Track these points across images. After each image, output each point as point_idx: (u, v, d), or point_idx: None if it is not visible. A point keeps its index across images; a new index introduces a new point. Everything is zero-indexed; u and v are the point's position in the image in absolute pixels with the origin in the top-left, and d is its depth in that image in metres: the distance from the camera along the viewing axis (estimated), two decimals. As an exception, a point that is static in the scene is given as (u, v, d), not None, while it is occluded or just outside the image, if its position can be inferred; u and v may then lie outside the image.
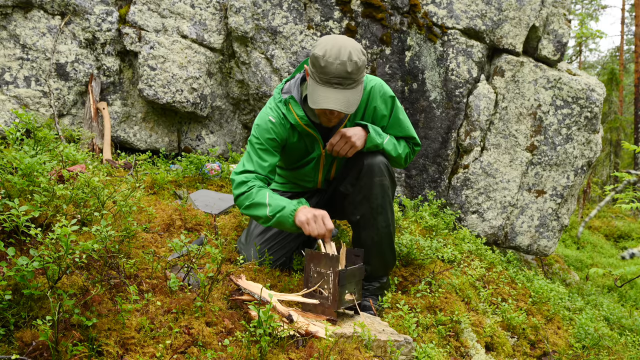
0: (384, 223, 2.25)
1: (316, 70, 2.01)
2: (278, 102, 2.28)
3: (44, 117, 4.02)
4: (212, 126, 4.52)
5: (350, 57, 1.96)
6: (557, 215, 4.13)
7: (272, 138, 2.25)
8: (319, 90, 2.01)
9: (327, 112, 2.11)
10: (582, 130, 4.04)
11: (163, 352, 1.42)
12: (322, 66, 1.97)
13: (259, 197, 2.16)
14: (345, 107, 2.00)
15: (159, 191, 3.25)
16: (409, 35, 3.96)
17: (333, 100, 1.99)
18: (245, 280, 1.95)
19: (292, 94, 2.25)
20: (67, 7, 4.07)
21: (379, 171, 2.20)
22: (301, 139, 2.32)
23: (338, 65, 1.95)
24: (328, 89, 2.00)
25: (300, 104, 2.24)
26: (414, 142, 2.45)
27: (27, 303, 1.38)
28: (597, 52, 41.11)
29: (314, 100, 2.02)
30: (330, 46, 1.97)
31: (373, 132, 2.23)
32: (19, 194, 1.82)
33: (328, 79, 1.99)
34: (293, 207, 2.09)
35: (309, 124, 2.25)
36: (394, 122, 2.35)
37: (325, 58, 1.96)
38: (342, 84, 1.99)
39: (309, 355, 1.57)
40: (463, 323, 2.35)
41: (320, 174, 2.46)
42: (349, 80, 1.99)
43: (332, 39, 2.02)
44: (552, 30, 4.11)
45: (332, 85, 1.99)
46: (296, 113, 2.23)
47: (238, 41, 4.17)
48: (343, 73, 1.97)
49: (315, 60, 1.99)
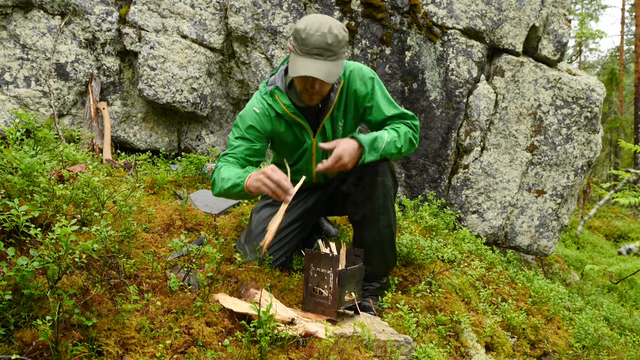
0: (386, 223, 2.25)
1: (297, 44, 2.05)
2: (264, 95, 2.32)
3: (44, 117, 4.02)
4: (212, 126, 4.52)
5: (331, 30, 2.02)
6: (557, 215, 4.13)
7: (253, 126, 2.28)
8: (299, 61, 2.05)
9: (307, 87, 2.12)
10: (582, 130, 4.04)
11: (163, 352, 1.42)
12: (303, 38, 2.02)
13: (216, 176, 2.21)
14: (326, 76, 2.04)
15: (159, 191, 3.25)
16: (409, 35, 3.96)
17: (314, 69, 2.02)
18: (227, 297, 1.86)
19: (276, 85, 2.29)
20: (67, 7, 4.07)
21: (381, 171, 2.20)
22: (289, 128, 2.33)
23: (319, 36, 2.00)
24: (308, 59, 2.03)
25: (284, 92, 2.27)
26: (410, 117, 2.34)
27: (27, 303, 1.38)
28: (597, 52, 41.09)
29: (294, 69, 2.05)
30: (312, 20, 2.03)
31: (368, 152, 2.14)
32: (19, 194, 1.82)
33: (308, 50, 2.03)
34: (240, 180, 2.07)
35: (295, 112, 2.27)
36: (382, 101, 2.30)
37: (307, 30, 2.01)
38: (322, 55, 2.03)
39: (309, 355, 1.57)
40: (463, 323, 2.35)
41: (314, 164, 2.44)
42: (329, 52, 2.03)
43: (315, 15, 2.08)
44: (552, 30, 4.11)
45: (312, 55, 2.03)
46: (282, 102, 2.26)
47: (238, 41, 4.17)
48: (323, 44, 2.01)
49: (296, 33, 2.05)
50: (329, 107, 2.27)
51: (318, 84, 2.09)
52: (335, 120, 2.34)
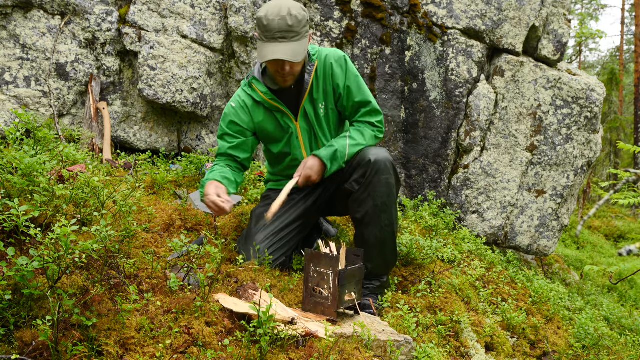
0: (388, 221, 2.26)
1: (261, 31, 2.15)
2: (243, 87, 2.46)
3: (44, 117, 4.02)
4: (212, 126, 4.52)
5: (290, 12, 2.12)
6: (557, 215, 4.13)
7: (232, 121, 2.42)
8: (266, 47, 2.15)
9: (279, 69, 2.21)
10: (582, 130, 4.04)
11: (163, 352, 1.42)
12: (265, 25, 2.12)
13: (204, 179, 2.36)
14: (292, 56, 2.14)
15: (159, 191, 3.25)
16: (409, 35, 3.96)
17: (280, 52, 2.13)
18: (227, 297, 1.86)
19: (254, 75, 2.40)
20: (67, 7, 4.07)
21: (385, 169, 2.22)
22: (270, 114, 2.43)
23: (279, 20, 2.10)
24: (273, 43, 2.14)
25: (261, 81, 2.37)
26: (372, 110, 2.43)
27: (27, 303, 1.38)
28: (597, 52, 41.10)
29: (262, 55, 2.16)
30: (271, 6, 2.14)
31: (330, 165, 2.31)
32: (19, 194, 1.82)
33: (272, 35, 2.13)
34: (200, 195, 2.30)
35: (273, 98, 2.36)
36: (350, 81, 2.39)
37: (267, 16, 2.12)
38: (286, 37, 2.13)
39: (309, 355, 1.57)
40: (463, 323, 2.35)
41: (304, 150, 2.47)
42: (292, 33, 2.13)
43: (274, 1, 2.17)
44: (552, 30, 4.11)
45: (276, 40, 2.13)
46: (259, 89, 2.37)
47: (238, 41, 4.17)
48: (285, 27, 2.11)
49: (259, 21, 2.15)
50: (305, 88, 2.36)
51: (288, 65, 2.19)
52: (316, 102, 2.40)
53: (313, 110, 2.40)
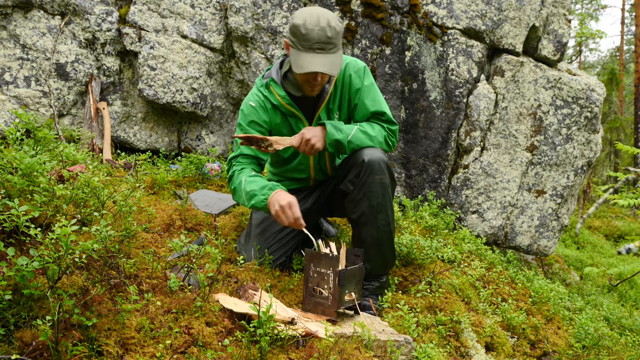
0: (384, 221, 2.26)
1: (297, 39, 2.09)
2: (260, 87, 2.38)
3: (44, 117, 4.02)
4: (212, 126, 4.52)
5: (329, 23, 2.07)
6: (557, 215, 4.13)
7: (254, 121, 2.35)
8: (303, 57, 2.09)
9: (310, 80, 2.18)
10: (582, 130, 4.04)
11: (163, 352, 1.42)
12: (304, 33, 2.06)
13: (237, 184, 2.27)
14: (330, 69, 2.10)
15: (159, 191, 3.25)
16: (409, 35, 3.96)
17: (318, 64, 2.08)
18: (227, 297, 1.86)
19: (272, 77, 2.34)
20: (67, 7, 4.07)
21: (379, 169, 2.21)
22: (285, 119, 2.38)
23: (319, 31, 2.05)
24: (311, 54, 2.09)
25: (280, 84, 2.32)
26: (387, 120, 2.41)
27: (27, 303, 1.38)
28: (597, 52, 41.08)
29: (300, 65, 2.10)
30: (308, 15, 2.08)
31: (331, 128, 2.24)
32: (19, 194, 1.82)
33: (310, 45, 2.07)
34: (264, 197, 2.16)
35: (291, 103, 2.32)
36: (366, 91, 2.37)
37: (306, 25, 2.05)
38: (324, 48, 2.08)
39: (309, 355, 1.57)
40: (463, 323, 2.35)
41: (311, 158, 2.47)
42: (330, 44, 2.09)
43: (309, 9, 2.12)
44: (552, 30, 4.11)
45: (314, 50, 2.08)
46: (277, 93, 2.32)
47: (238, 41, 4.17)
48: (324, 38, 2.06)
49: (295, 29, 2.08)
50: (324, 97, 2.33)
51: (320, 76, 2.16)
52: (332, 112, 2.38)
53: (327, 119, 2.38)
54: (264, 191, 2.16)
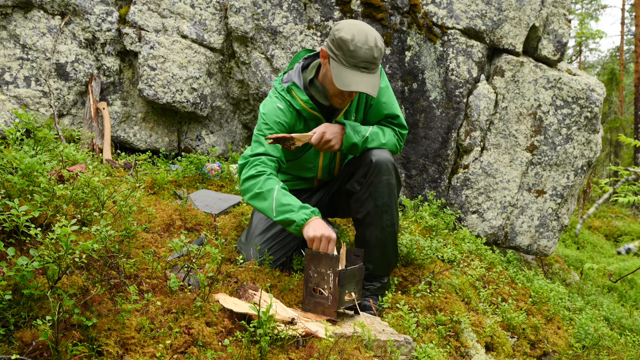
0: (389, 222, 2.26)
1: (343, 54, 2.05)
2: (281, 91, 2.33)
3: (44, 117, 4.02)
4: (212, 126, 4.52)
5: (377, 43, 2.05)
6: (557, 215, 4.13)
7: (281, 122, 2.29)
8: (347, 74, 2.06)
9: (345, 95, 2.17)
10: (582, 130, 4.04)
11: (163, 352, 1.42)
12: (352, 50, 2.02)
13: (267, 189, 2.09)
14: (373, 90, 2.08)
15: (159, 191, 3.25)
16: (409, 35, 3.96)
17: (363, 83, 2.06)
18: (227, 297, 1.86)
19: (293, 81, 2.30)
20: (67, 7, 4.07)
21: (386, 170, 2.22)
22: (307, 124, 2.36)
23: (366, 50, 2.02)
24: (357, 72, 2.06)
25: (302, 89, 2.29)
26: (398, 124, 2.42)
27: (27, 303, 1.38)
28: (597, 52, 41.07)
29: (344, 83, 2.06)
30: (357, 31, 2.04)
31: (350, 131, 2.23)
32: (19, 194, 1.82)
33: (356, 63, 2.04)
34: (304, 218, 2.02)
35: (314, 107, 2.29)
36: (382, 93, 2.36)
37: (355, 42, 2.02)
38: (369, 68, 2.06)
39: (309, 355, 1.57)
40: (463, 323, 2.35)
41: (321, 159, 2.46)
42: (374, 65, 2.07)
43: (355, 24, 2.08)
44: (552, 30, 4.11)
45: (359, 69, 2.06)
46: (300, 98, 2.28)
47: (238, 41, 4.17)
48: (370, 58, 2.04)
49: (342, 43, 2.04)
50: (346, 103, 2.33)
51: (355, 93, 2.14)
52: (349, 114, 2.39)
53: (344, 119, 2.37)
54: (303, 211, 2.02)
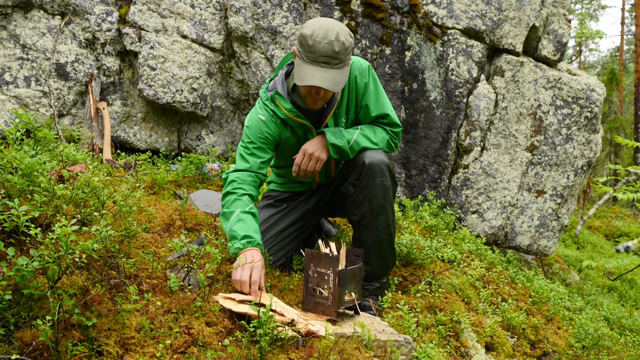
0: (385, 223, 2.25)
1: (304, 50, 2.02)
2: (265, 101, 2.31)
3: (44, 117, 4.02)
4: (212, 126, 4.52)
5: (338, 38, 1.99)
6: (557, 215, 4.13)
7: (264, 136, 2.27)
8: (306, 69, 2.03)
9: (312, 92, 2.12)
10: (582, 130, 4.04)
11: (163, 352, 1.42)
12: (310, 45, 1.99)
13: (229, 211, 2.13)
14: (332, 85, 2.03)
15: (159, 191, 3.25)
16: (409, 35, 3.96)
17: (320, 78, 2.01)
18: (226, 296, 1.85)
19: (276, 90, 2.28)
20: (67, 7, 4.07)
21: (380, 171, 2.20)
22: (294, 132, 2.33)
23: (326, 44, 1.98)
24: (315, 67, 2.02)
25: (286, 97, 2.26)
26: (389, 123, 2.38)
27: (27, 303, 1.38)
28: (597, 52, 41.04)
29: (301, 77, 2.04)
30: (318, 26, 2.00)
31: (330, 135, 2.21)
32: (19, 194, 1.82)
33: (315, 58, 2.01)
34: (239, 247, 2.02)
35: (298, 115, 2.26)
36: (371, 93, 2.33)
37: (313, 37, 1.98)
38: (329, 63, 2.02)
39: (309, 355, 1.57)
40: (463, 323, 2.35)
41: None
42: (335, 60, 2.02)
43: (320, 20, 2.05)
44: (552, 30, 4.11)
45: (319, 64, 2.02)
46: (284, 106, 2.25)
47: (238, 41, 4.17)
48: (330, 52, 1.99)
49: (303, 39, 2.02)
50: (333, 105, 2.29)
51: (323, 91, 2.09)
52: (339, 117, 2.35)
53: (334, 124, 2.35)
54: (242, 241, 2.03)
